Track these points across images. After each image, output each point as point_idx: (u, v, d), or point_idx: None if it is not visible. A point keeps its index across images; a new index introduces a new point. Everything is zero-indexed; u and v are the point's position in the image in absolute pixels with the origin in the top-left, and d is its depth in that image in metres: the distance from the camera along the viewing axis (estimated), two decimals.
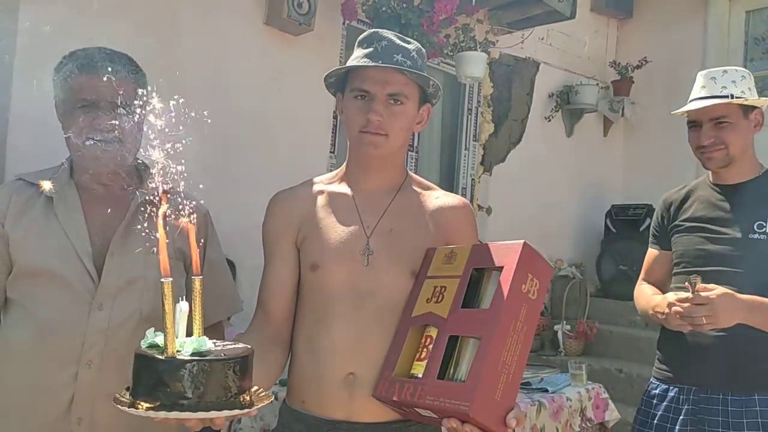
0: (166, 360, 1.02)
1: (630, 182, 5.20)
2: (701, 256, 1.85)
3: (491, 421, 1.16)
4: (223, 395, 1.03)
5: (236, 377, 1.05)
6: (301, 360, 1.46)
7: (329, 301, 1.42)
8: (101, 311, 1.46)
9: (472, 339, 1.25)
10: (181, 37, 3.00)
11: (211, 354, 1.05)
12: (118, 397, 1.07)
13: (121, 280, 1.48)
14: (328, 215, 1.48)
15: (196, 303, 1.08)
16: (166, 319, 1.04)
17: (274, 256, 1.50)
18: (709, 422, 1.78)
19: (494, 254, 1.30)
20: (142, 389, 1.04)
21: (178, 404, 1.01)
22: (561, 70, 4.92)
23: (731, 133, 1.86)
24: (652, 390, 1.95)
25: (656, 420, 1.89)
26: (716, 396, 1.79)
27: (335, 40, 3.66)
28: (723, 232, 1.85)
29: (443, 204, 1.53)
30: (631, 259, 4.69)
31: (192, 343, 1.06)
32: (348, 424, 1.38)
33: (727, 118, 1.87)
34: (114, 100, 1.48)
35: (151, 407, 1.02)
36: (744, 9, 4.84)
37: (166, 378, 1.01)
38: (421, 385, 1.24)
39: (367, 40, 1.46)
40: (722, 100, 1.85)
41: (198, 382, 1.02)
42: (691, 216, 1.95)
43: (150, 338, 1.09)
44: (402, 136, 1.45)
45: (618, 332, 4.47)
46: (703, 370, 1.82)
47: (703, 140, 1.89)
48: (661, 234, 2.05)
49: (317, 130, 3.62)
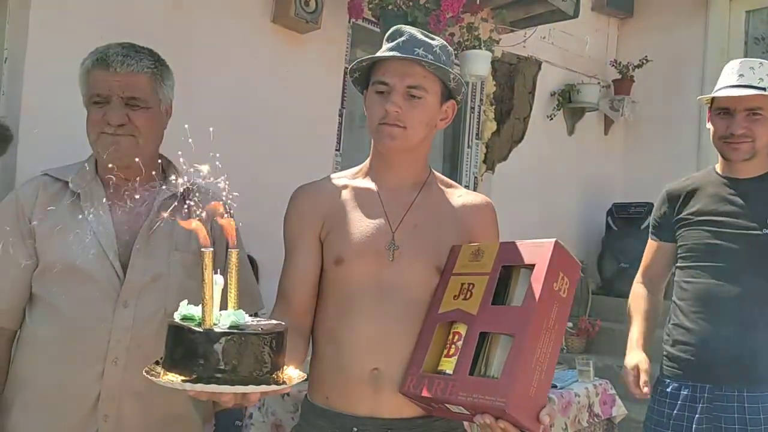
0: (204, 332, 1.00)
1: (630, 180, 5.22)
2: (711, 251, 1.84)
3: (526, 418, 1.17)
4: (259, 370, 1.01)
5: (272, 352, 1.03)
6: (324, 355, 1.46)
7: (353, 295, 1.42)
8: (126, 308, 1.46)
9: (503, 336, 1.26)
10: (188, 35, 2.99)
11: (249, 328, 1.03)
12: (149, 370, 1.05)
13: (146, 277, 1.48)
14: (353, 209, 1.48)
15: (231, 276, 1.07)
16: (204, 290, 1.01)
17: (297, 248, 1.50)
18: (725, 419, 1.78)
19: (523, 252, 1.32)
20: (177, 362, 1.01)
21: (214, 377, 0.99)
22: (563, 69, 4.93)
23: (762, 127, 1.83)
24: (665, 388, 1.94)
25: (672, 419, 1.88)
26: (731, 393, 1.79)
27: (341, 39, 3.67)
28: (735, 227, 1.83)
29: (467, 202, 1.54)
30: (632, 257, 4.70)
31: (229, 315, 1.04)
32: (373, 420, 1.39)
33: (762, 110, 1.83)
34: (125, 95, 1.48)
35: (187, 380, 0.99)
36: (744, 9, 4.87)
37: (203, 350, 0.99)
38: (453, 381, 1.25)
39: (392, 35, 1.47)
40: (760, 91, 1.80)
41: (235, 355, 0.99)
42: (700, 210, 1.92)
43: (183, 310, 1.06)
44: (421, 130, 1.45)
45: (620, 329, 4.45)
46: (716, 367, 1.81)
47: (736, 129, 1.84)
48: (664, 226, 2.03)
49: (323, 128, 3.62)
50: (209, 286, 1.02)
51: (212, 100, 3.08)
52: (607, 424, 3.02)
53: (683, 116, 4.87)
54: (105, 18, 2.68)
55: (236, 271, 1.07)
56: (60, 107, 2.40)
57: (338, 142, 3.70)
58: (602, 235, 5.00)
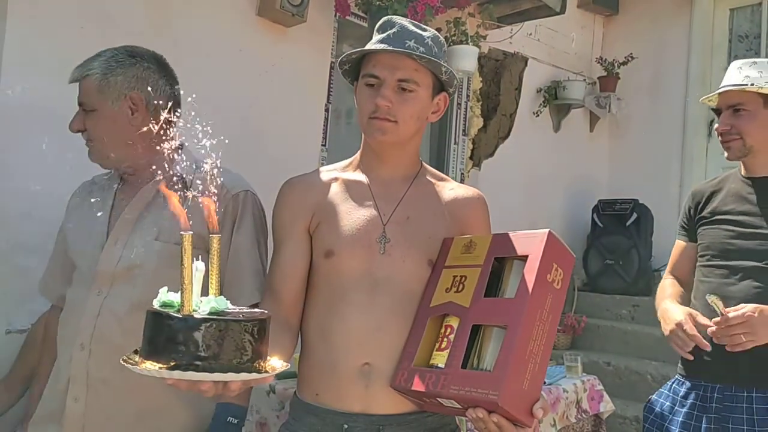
0: (182, 318, 0.97)
1: (616, 177, 5.25)
2: (727, 250, 1.81)
3: (519, 411, 1.15)
4: (239, 358, 0.98)
5: (254, 340, 1.00)
6: (314, 350, 1.43)
7: (344, 288, 1.40)
8: (98, 296, 1.50)
9: (496, 328, 1.24)
10: (171, 27, 2.95)
11: (229, 315, 1.00)
12: (126, 358, 1.02)
13: (120, 267, 1.50)
14: (343, 202, 1.46)
15: (213, 262, 1.04)
16: (184, 275, 0.98)
17: (286, 241, 1.47)
18: (733, 420, 1.75)
19: (516, 243, 1.30)
20: (154, 348, 0.98)
21: (193, 365, 0.95)
22: (549, 66, 4.94)
23: (748, 123, 1.82)
24: (678, 387, 1.92)
25: (682, 417, 1.85)
26: (740, 393, 1.76)
27: (327, 32, 3.63)
28: (751, 226, 1.81)
29: (458, 195, 1.52)
30: (617, 254, 4.74)
31: (209, 301, 1.01)
32: (364, 416, 1.36)
33: (744, 105, 1.82)
34: (81, 101, 1.54)
35: (164, 367, 0.96)
36: (728, 7, 4.90)
37: (181, 337, 0.95)
38: (445, 374, 1.22)
39: (382, 26, 1.44)
40: (733, 87, 1.82)
41: (214, 343, 0.96)
42: (718, 208, 1.90)
43: (163, 297, 1.03)
44: (412, 124, 1.42)
45: (605, 326, 4.51)
46: (727, 367, 1.78)
47: (719, 127, 1.86)
48: (689, 225, 2.01)
49: (309, 123, 3.58)
50: (189, 271, 0.98)
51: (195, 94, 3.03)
52: (595, 420, 3.02)
53: (668, 113, 4.89)
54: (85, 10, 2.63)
55: (218, 257, 1.04)
56: (35, 114, 2.37)
57: (324, 138, 3.67)
58: (588, 231, 5.01)
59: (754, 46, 4.77)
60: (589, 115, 5.25)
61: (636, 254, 4.67)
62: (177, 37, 2.96)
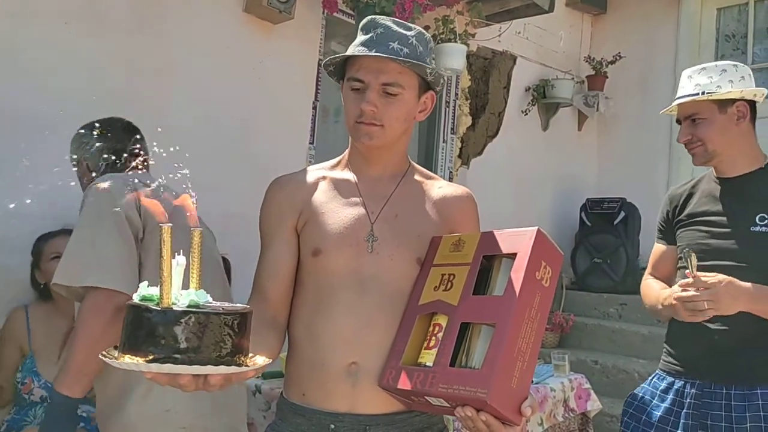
0: (161, 311, 0.96)
1: (604, 176, 5.27)
2: (703, 250, 1.83)
3: (507, 409, 1.14)
4: (219, 352, 0.97)
5: (234, 334, 0.99)
6: (301, 349, 1.41)
7: (331, 287, 1.38)
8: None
9: (484, 327, 1.23)
10: (157, 24, 2.92)
11: (209, 308, 0.99)
12: (105, 353, 1.00)
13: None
14: (330, 200, 1.44)
15: (194, 256, 1.02)
16: (163, 268, 0.97)
17: (273, 239, 1.45)
18: (711, 416, 1.77)
19: (505, 241, 1.28)
20: (133, 342, 0.96)
21: (171, 358, 0.94)
22: (537, 65, 4.95)
23: (706, 129, 1.86)
24: (659, 381, 1.94)
25: (661, 412, 1.87)
26: (719, 390, 1.78)
27: (315, 29, 3.61)
28: (725, 226, 1.84)
29: (447, 193, 1.51)
30: (605, 252, 4.76)
31: (189, 294, 1.00)
32: (351, 416, 1.34)
33: (699, 114, 1.87)
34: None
35: (143, 361, 0.95)
36: (715, 6, 4.93)
37: (161, 330, 0.94)
38: (433, 373, 1.21)
39: (366, 27, 1.42)
40: (686, 99, 1.87)
41: (193, 335, 0.95)
42: (693, 210, 1.94)
43: (143, 291, 1.02)
44: (399, 126, 1.41)
45: (593, 324, 4.52)
46: (706, 363, 1.81)
47: (679, 138, 1.92)
48: (666, 228, 2.04)
49: (297, 120, 3.56)
50: (168, 263, 0.97)
51: (182, 91, 3.00)
52: (582, 419, 3.02)
53: (656, 112, 4.85)
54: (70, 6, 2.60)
55: (199, 251, 1.02)
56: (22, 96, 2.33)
57: (312, 136, 3.65)
58: (576, 230, 5.03)
59: (740, 45, 4.80)
60: (577, 114, 5.27)
61: (624, 253, 4.69)
62: (163, 33, 2.93)
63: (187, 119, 2.92)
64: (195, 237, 1.01)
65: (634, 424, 1.94)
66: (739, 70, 1.88)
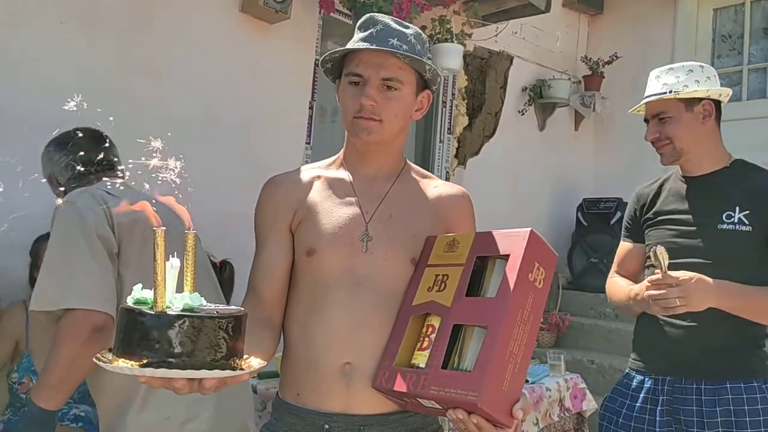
0: (155, 315, 0.95)
1: (600, 176, 5.27)
2: (672, 249, 1.83)
3: (499, 412, 1.13)
4: (214, 356, 0.96)
5: (228, 337, 0.98)
6: (296, 350, 1.41)
7: (325, 287, 1.38)
8: None
9: (477, 328, 1.23)
10: (154, 23, 2.92)
11: (203, 311, 0.98)
12: (99, 357, 1.00)
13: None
14: (325, 199, 1.44)
15: (188, 259, 1.02)
16: (157, 271, 0.96)
17: (268, 239, 1.45)
18: (683, 411, 1.79)
19: (499, 242, 1.28)
20: (127, 346, 0.96)
21: (166, 362, 0.94)
22: (534, 65, 4.95)
23: (674, 128, 1.89)
24: (629, 381, 1.95)
25: (635, 412, 1.88)
26: (690, 385, 1.81)
27: (312, 29, 3.61)
28: (692, 224, 1.86)
29: (442, 193, 1.51)
30: (602, 252, 4.76)
31: (183, 298, 0.99)
32: (345, 416, 1.34)
33: (666, 113, 1.90)
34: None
35: (137, 365, 0.94)
36: (712, 7, 4.94)
37: (155, 334, 0.94)
38: (425, 374, 1.21)
39: (364, 24, 1.42)
40: (654, 97, 1.90)
41: (188, 340, 0.94)
42: (660, 209, 1.96)
43: (137, 294, 1.02)
44: (397, 123, 1.41)
45: (589, 324, 4.53)
46: (676, 359, 1.84)
47: (647, 136, 1.94)
48: (634, 227, 2.06)
49: (294, 120, 3.56)
50: (162, 267, 0.97)
51: (178, 91, 3.00)
52: (578, 419, 3.03)
53: None
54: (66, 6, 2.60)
55: (193, 254, 1.02)
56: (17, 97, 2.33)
57: (308, 136, 3.65)
58: (572, 230, 5.03)
59: (737, 45, 4.81)
60: (574, 114, 5.27)
61: None
62: (160, 33, 2.93)
63: (184, 119, 2.91)
64: (189, 239, 1.01)
65: (613, 428, 1.94)
66: (705, 70, 1.92)
